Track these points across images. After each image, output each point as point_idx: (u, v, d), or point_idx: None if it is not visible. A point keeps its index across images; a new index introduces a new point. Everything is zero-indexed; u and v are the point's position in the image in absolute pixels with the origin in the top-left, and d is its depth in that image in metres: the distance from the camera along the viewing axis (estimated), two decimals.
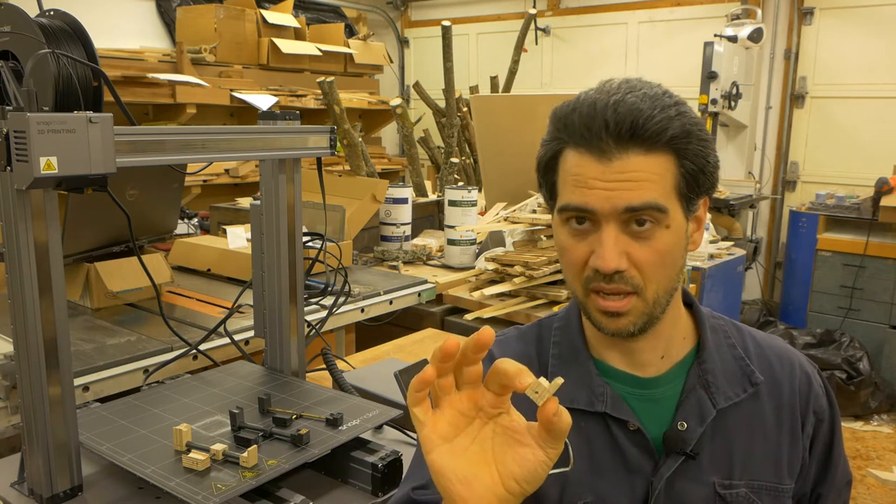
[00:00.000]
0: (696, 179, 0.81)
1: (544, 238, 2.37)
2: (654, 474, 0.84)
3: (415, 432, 1.19)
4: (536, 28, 5.70)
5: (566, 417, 0.65)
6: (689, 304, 0.94)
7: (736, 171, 4.80)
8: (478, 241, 2.80)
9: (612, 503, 0.85)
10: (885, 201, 3.94)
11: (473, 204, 2.83)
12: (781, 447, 0.88)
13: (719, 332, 0.92)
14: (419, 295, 2.43)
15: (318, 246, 1.76)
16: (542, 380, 0.64)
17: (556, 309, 1.21)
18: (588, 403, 0.87)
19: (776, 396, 0.89)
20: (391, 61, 5.89)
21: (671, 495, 0.84)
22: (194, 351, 1.65)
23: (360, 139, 3.35)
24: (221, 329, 1.65)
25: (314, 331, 1.68)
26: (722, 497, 0.85)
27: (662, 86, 0.82)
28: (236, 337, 1.68)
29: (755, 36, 4.40)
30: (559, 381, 0.63)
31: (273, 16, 4.66)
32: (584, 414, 0.87)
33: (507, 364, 0.65)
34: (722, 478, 0.85)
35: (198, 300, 2.14)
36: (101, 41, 2.74)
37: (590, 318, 0.86)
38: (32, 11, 1.41)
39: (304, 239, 1.55)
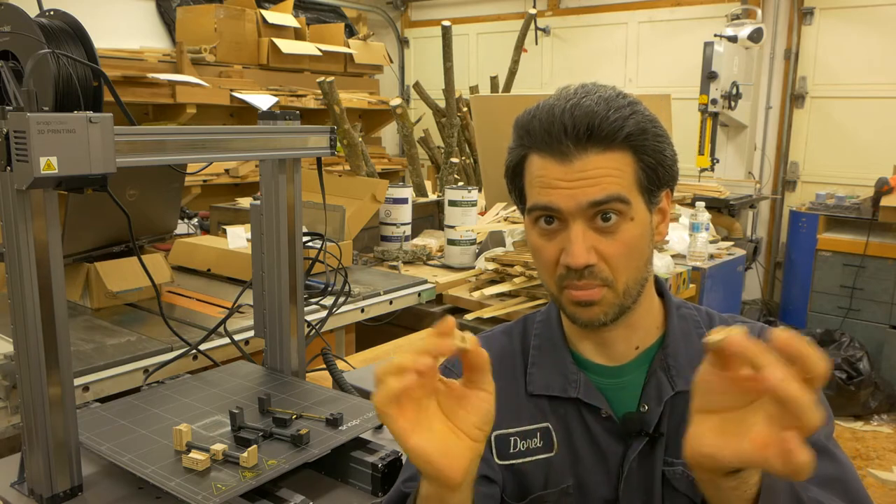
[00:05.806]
0: (656, 172, 0.87)
1: None
2: (623, 458, 0.89)
3: None
4: (536, 28, 5.70)
5: (483, 352, 0.70)
6: (660, 293, 0.97)
7: (736, 171, 4.80)
8: (478, 241, 2.80)
9: (589, 486, 0.90)
10: (885, 201, 3.94)
11: (473, 204, 2.83)
12: None
13: (689, 320, 0.96)
14: (419, 295, 2.43)
15: (318, 246, 1.76)
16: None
17: None
18: (562, 390, 0.92)
19: None
20: (391, 61, 5.88)
21: (639, 476, 0.89)
22: (194, 351, 1.65)
23: (360, 139, 3.35)
24: (221, 329, 1.65)
25: (314, 331, 1.68)
26: (664, 474, 0.89)
27: (617, 87, 0.88)
28: (236, 337, 1.68)
29: (755, 36, 4.40)
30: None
31: (273, 16, 4.66)
32: (562, 401, 0.92)
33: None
34: (669, 457, 0.89)
35: (198, 300, 2.14)
36: (101, 41, 2.74)
37: (565, 311, 0.91)
38: (32, 11, 1.41)
39: (304, 239, 1.55)
